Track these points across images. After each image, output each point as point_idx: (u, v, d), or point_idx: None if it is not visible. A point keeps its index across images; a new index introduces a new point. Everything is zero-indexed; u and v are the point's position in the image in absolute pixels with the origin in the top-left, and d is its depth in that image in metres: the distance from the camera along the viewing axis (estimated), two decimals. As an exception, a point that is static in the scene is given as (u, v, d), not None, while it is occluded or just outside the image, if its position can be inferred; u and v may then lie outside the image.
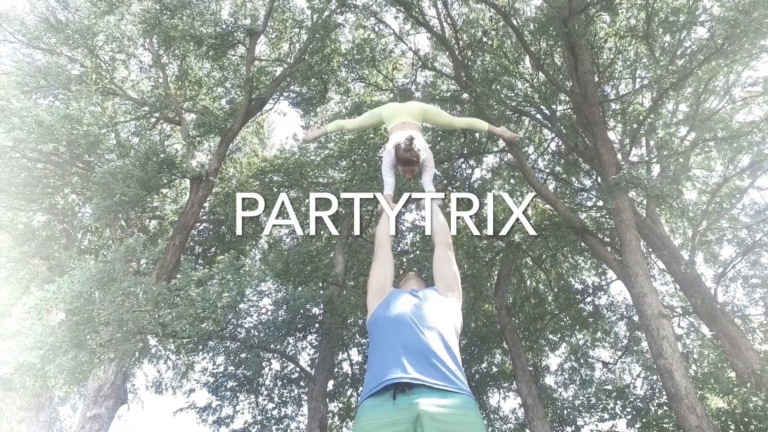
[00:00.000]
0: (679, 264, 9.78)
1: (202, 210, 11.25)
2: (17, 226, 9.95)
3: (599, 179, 10.74)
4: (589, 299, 11.03)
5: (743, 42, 7.40)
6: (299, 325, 10.59)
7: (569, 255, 11.30)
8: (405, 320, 2.04)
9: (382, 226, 2.77)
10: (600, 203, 10.38)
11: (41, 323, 6.68)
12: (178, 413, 10.41)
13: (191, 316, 7.34)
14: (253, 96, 10.67)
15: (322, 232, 13.25)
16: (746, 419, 7.38)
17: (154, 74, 11.41)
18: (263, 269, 9.49)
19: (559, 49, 10.32)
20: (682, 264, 9.60)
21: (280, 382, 11.81)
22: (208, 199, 11.47)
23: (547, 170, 12.13)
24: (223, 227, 12.10)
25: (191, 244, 12.20)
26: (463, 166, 11.71)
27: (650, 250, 10.57)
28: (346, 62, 11.07)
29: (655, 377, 9.55)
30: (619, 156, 10.12)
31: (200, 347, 9.19)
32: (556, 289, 11.59)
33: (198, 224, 12.14)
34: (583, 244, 9.92)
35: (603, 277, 11.49)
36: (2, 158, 8.81)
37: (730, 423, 7.55)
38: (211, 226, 12.47)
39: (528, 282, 12.02)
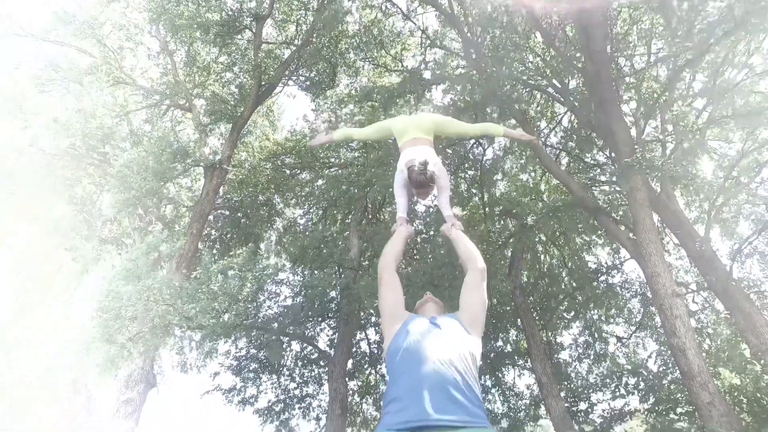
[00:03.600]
0: (693, 240, 9.74)
1: (217, 196, 11.41)
2: (41, 219, 10.21)
3: (613, 154, 10.62)
4: (602, 278, 11.09)
5: (766, 15, 7.13)
6: (317, 311, 10.86)
7: (583, 233, 11.29)
8: (424, 354, 2.05)
9: (391, 247, 2.77)
10: (614, 179, 10.30)
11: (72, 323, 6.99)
12: (205, 395, 10.84)
13: (214, 309, 7.60)
14: (263, 82, 10.61)
15: (336, 213, 13.39)
16: (758, 395, 7.50)
17: (162, 61, 11.37)
18: (278, 264, 9.66)
19: (570, 21, 10.02)
20: (697, 241, 9.55)
21: (300, 363, 12.18)
22: (222, 186, 11.60)
23: (560, 146, 11.99)
24: (239, 213, 12.25)
25: (208, 229, 12.41)
26: (475, 146, 11.62)
27: (665, 226, 10.52)
28: (354, 44, 10.89)
29: (668, 353, 9.68)
30: (633, 131, 9.96)
31: (223, 337, 9.48)
32: (570, 265, 11.64)
33: (214, 211, 12.31)
34: (596, 222, 9.91)
35: (616, 256, 11.51)
36: (22, 156, 8.98)
37: (742, 398, 7.68)
38: (227, 212, 12.64)
39: (542, 260, 12.08)
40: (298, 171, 13.42)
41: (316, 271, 11.80)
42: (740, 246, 9.58)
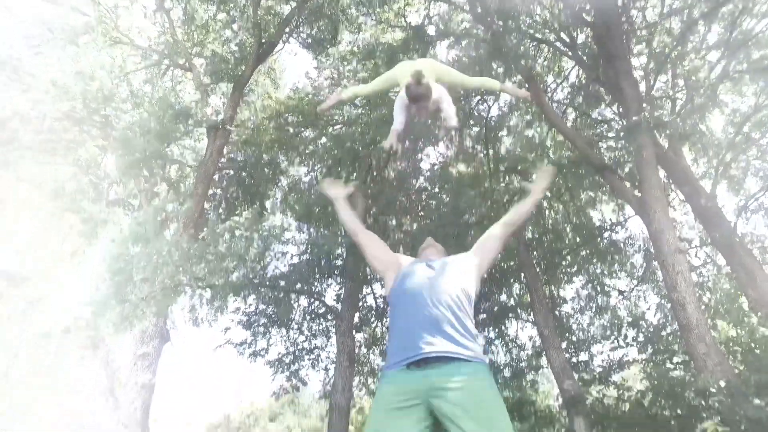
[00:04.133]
0: (699, 197, 9.72)
1: (221, 157, 11.41)
2: (47, 182, 10.31)
3: (620, 110, 10.44)
4: (606, 234, 11.18)
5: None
6: (324, 269, 11.08)
7: (588, 190, 11.28)
8: (419, 294, 2.18)
9: (348, 220, 2.79)
10: (621, 135, 10.17)
11: (86, 282, 7.22)
12: (218, 349, 11.27)
13: (222, 270, 7.80)
14: (263, 40, 10.36)
15: (340, 171, 13.37)
16: (753, 345, 7.71)
17: (159, 20, 11.07)
18: (283, 224, 9.76)
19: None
20: (703, 197, 9.54)
21: (308, 317, 12.54)
22: (226, 146, 11.58)
23: (566, 101, 11.77)
24: (243, 173, 12.28)
25: (213, 190, 12.48)
26: (480, 102, 11.43)
27: (671, 182, 10.47)
28: (356, 0, 10.51)
29: (668, 306, 9.87)
30: (643, 86, 9.74)
31: (232, 295, 9.76)
32: (575, 220, 11.70)
33: (218, 171, 12.34)
34: (601, 179, 9.88)
35: (621, 212, 11.52)
36: (23, 120, 8.97)
37: (737, 349, 7.91)
38: (232, 172, 12.67)
39: (546, 215, 12.12)
40: (302, 129, 13.31)
41: (321, 230, 11.96)
42: (746, 202, 9.56)
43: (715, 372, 7.41)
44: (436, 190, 12.17)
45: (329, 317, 12.53)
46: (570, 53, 10.22)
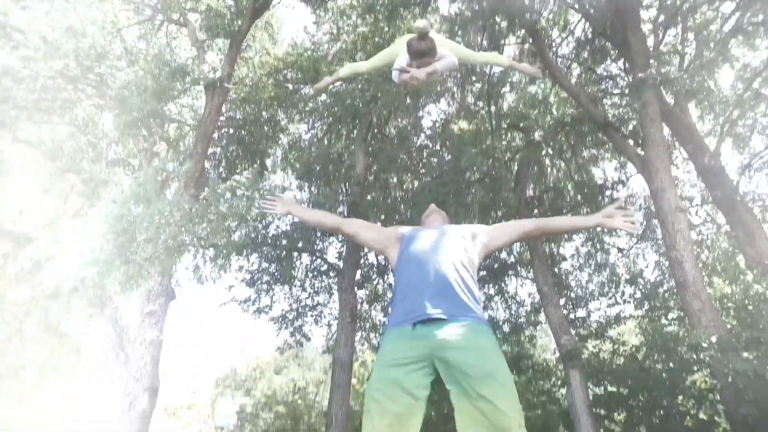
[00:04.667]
0: (703, 155, 9.64)
1: (220, 116, 11.25)
2: (44, 142, 10.22)
3: (627, 65, 10.18)
4: (608, 193, 11.14)
5: None
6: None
7: (591, 147, 11.16)
8: (424, 257, 2.22)
9: (321, 219, 2.76)
10: (626, 92, 9.97)
11: (90, 242, 7.30)
12: (223, 306, 11.54)
13: (224, 229, 7.86)
14: (259, -8, 9.98)
15: (341, 128, 13.22)
16: (746, 302, 7.86)
17: (150, -29, 10.62)
18: (284, 183, 9.73)
19: None
20: (707, 155, 9.46)
21: (311, 275, 12.75)
22: (224, 104, 11.38)
23: (571, 56, 11.45)
24: (243, 131, 12.14)
25: (213, 149, 12.39)
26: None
27: (675, 139, 10.35)
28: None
29: (666, 264, 9.99)
30: (651, 41, 9.45)
31: (235, 254, 9.87)
32: (577, 178, 11.65)
33: (217, 130, 12.20)
34: (604, 137, 9.76)
35: (623, 171, 11.44)
36: (16, 79, 8.79)
37: (730, 305, 8.06)
38: (231, 130, 12.53)
39: (548, 173, 12.07)
40: (301, 86, 13.06)
41: (322, 188, 11.95)
42: (750, 161, 9.48)
43: (708, 328, 7.59)
44: (438, 147, 12.07)
45: (331, 274, 12.73)
46: (576, 6, 9.86)
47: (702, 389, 8.73)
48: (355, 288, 11.90)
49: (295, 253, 11.92)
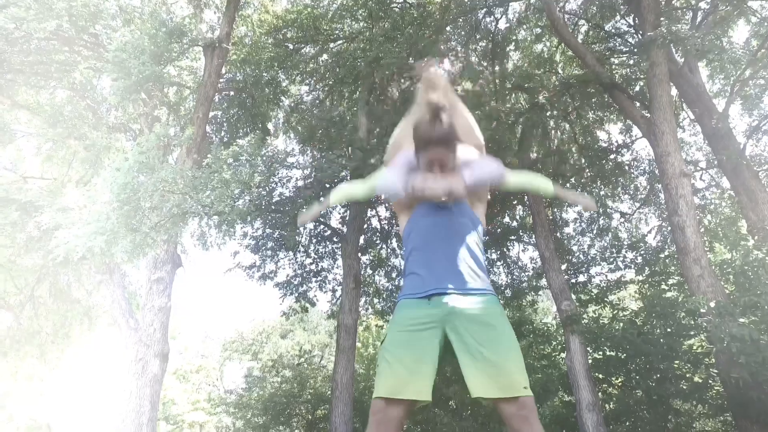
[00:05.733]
0: (711, 117, 9.49)
1: (220, 78, 11.05)
2: (43, 107, 10.10)
3: (636, 21, 9.88)
4: (612, 156, 11.04)
5: None
6: (329, 192, 11.12)
7: (596, 109, 10.97)
8: (434, 235, 2.23)
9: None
10: (634, 50, 9.71)
11: (96, 211, 7.33)
12: (228, 272, 11.69)
13: (228, 197, 7.87)
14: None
15: (342, 90, 12.99)
16: (745, 267, 7.93)
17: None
18: (287, 148, 9.64)
19: None
20: (714, 117, 9.32)
21: (315, 240, 12.85)
22: (224, 65, 11.15)
23: (579, 11, 11.10)
24: (243, 93, 11.95)
25: (214, 112, 12.24)
26: (486, 15, 10.79)
27: (682, 100, 10.16)
28: None
29: (668, 229, 10.01)
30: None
31: (239, 221, 9.91)
32: (581, 141, 11.52)
33: (218, 93, 12.01)
34: (610, 99, 9.59)
35: (628, 134, 11.29)
36: (8, 40, 8.59)
37: (729, 271, 8.14)
38: (232, 93, 12.34)
39: (552, 135, 11.91)
40: (302, 45, 12.76)
41: (324, 152, 11.87)
42: (759, 122, 9.33)
43: (707, 293, 7.71)
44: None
45: (335, 240, 12.84)
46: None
47: (698, 353, 8.94)
48: (359, 253, 12.02)
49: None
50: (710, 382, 8.99)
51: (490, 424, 10.78)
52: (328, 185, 11.29)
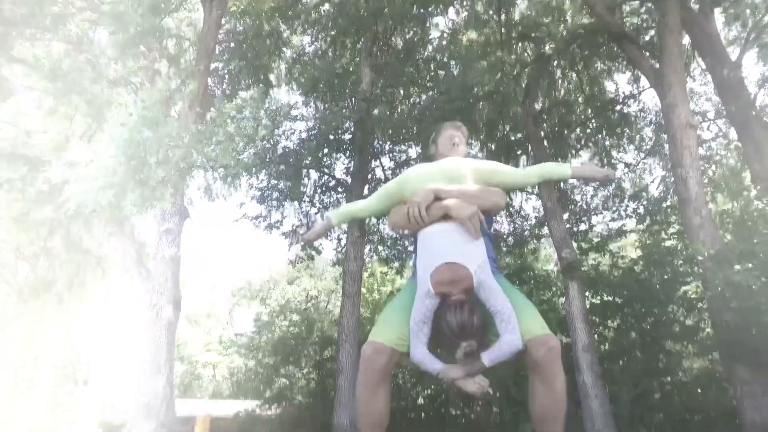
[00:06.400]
0: (723, 66, 9.27)
1: (220, 30, 10.79)
2: (41, 61, 9.94)
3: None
4: (618, 107, 10.87)
5: None
6: (332, 144, 11.17)
7: (605, 59, 10.70)
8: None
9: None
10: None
11: (103, 166, 7.44)
12: (235, 223, 11.93)
13: (233, 150, 7.93)
14: None
15: (345, 41, 12.68)
16: (744, 217, 8.06)
17: None
18: (290, 102, 9.56)
19: None
20: (726, 67, 9.10)
21: (319, 190, 12.99)
22: (224, 16, 10.85)
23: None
24: (244, 45, 11.71)
25: (215, 64, 12.03)
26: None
27: (694, 49, 9.90)
28: None
29: (671, 180, 10.04)
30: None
31: (244, 173, 10.01)
32: (588, 91, 11.33)
33: (218, 45, 11.76)
34: (618, 49, 9.35)
35: (636, 85, 11.06)
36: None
37: (729, 220, 8.27)
38: (233, 44, 12.08)
39: (558, 85, 11.71)
40: (301, -12, 12.32)
41: (327, 104, 11.78)
42: (771, 71, 9.12)
43: (705, 242, 7.87)
44: (445, 59, 11.65)
45: (339, 190, 12.97)
46: None
47: (692, 298, 9.23)
48: (362, 206, 12.19)
49: (304, 170, 12.05)
50: (701, 324, 9.35)
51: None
52: (332, 136, 11.30)
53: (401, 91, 12.46)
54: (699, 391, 9.99)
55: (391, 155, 13.52)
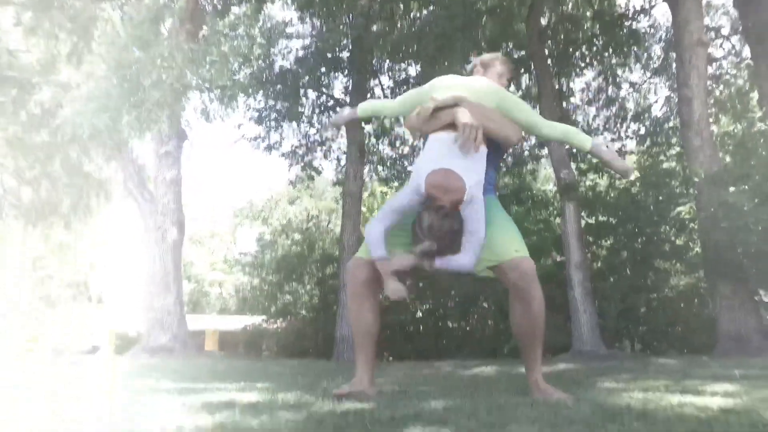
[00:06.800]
0: (745, -25, 8.74)
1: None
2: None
3: None
4: (628, 23, 10.33)
5: None
6: (330, 62, 10.79)
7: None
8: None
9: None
10: None
11: (97, 88, 7.26)
12: (234, 144, 11.85)
13: (228, 70, 7.70)
14: None
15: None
16: (746, 139, 8.05)
17: None
18: (285, 19, 9.08)
19: None
20: (748, -24, 8.59)
21: (318, 110, 12.76)
22: None
23: None
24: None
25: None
26: None
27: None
28: None
29: (676, 100, 9.84)
30: None
31: (241, 93, 9.76)
32: (596, 5, 10.72)
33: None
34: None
35: (648, -1, 10.41)
36: None
37: (729, 143, 8.27)
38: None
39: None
40: None
41: (324, 20, 11.20)
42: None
43: (704, 164, 7.92)
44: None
45: (338, 109, 12.74)
46: None
47: (684, 219, 9.45)
48: (362, 123, 12.03)
49: (301, 90, 11.76)
50: (691, 244, 9.66)
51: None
52: (330, 54, 10.89)
53: (401, 6, 11.79)
54: (682, 305, 10.56)
55: (390, 74, 13.12)
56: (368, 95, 12.85)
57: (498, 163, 2.59)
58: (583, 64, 11.31)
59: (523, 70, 11.48)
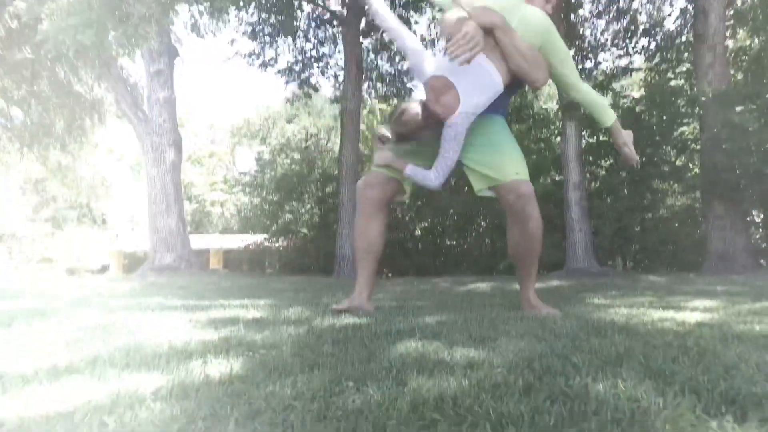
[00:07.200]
0: None
1: None
2: None
3: None
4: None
5: None
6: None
7: None
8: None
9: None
10: None
11: (78, 1, 6.84)
12: (228, 61, 11.38)
13: (219, -20, 7.22)
14: None
15: None
16: (762, 54, 7.74)
17: None
18: None
19: None
20: None
21: (314, 24, 12.13)
22: None
23: None
24: None
25: None
26: None
27: None
28: None
29: (692, 12, 9.30)
30: None
31: (231, 5, 9.20)
32: None
33: None
34: None
35: None
36: None
37: (743, 59, 7.96)
38: None
39: None
40: None
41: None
42: None
43: (713, 82, 7.69)
44: None
45: (335, 24, 12.11)
46: None
47: (687, 139, 9.32)
48: (360, 37, 11.48)
49: (296, 2, 11.10)
50: (690, 165, 9.62)
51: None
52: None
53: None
54: (676, 225, 10.74)
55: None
56: (366, 8, 12.13)
57: (516, 92, 2.58)
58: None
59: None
